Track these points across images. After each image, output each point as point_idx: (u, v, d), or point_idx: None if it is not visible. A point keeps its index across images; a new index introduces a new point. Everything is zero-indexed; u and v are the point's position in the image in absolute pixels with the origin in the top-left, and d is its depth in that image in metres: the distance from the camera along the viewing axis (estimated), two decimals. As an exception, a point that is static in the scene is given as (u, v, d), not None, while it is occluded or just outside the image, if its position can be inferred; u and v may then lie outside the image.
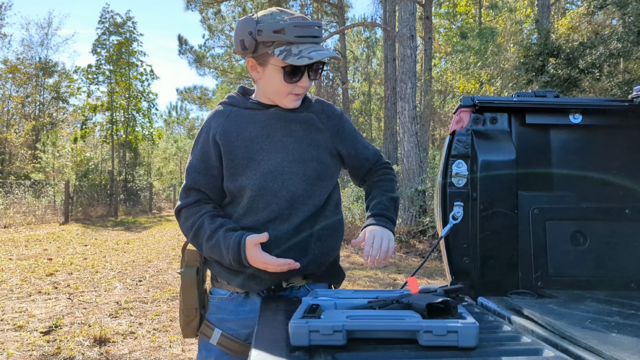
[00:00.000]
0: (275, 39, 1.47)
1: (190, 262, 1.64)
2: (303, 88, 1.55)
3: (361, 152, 1.72)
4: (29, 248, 9.78)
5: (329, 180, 1.62)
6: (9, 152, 28.13)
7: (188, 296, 1.61)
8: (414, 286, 1.31)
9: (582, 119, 1.91)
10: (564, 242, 1.86)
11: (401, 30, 10.07)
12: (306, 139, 1.58)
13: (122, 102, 27.70)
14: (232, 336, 1.59)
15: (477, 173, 1.85)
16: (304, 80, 1.53)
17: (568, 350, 1.13)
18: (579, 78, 9.88)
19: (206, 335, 1.62)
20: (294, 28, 1.47)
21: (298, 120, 1.60)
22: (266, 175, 1.53)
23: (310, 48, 1.48)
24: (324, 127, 1.63)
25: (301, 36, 1.48)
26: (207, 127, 1.62)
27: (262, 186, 1.52)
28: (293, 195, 1.53)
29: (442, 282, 5.50)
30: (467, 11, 21.97)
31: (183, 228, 1.61)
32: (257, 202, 1.53)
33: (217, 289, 1.65)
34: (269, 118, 1.59)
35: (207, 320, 1.64)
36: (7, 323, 4.58)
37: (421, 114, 15.29)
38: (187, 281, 1.61)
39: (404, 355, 1.05)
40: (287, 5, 21.00)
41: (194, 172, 1.60)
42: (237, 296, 1.62)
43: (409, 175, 10.08)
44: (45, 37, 31.11)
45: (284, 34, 1.47)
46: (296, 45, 1.48)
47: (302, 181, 1.55)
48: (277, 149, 1.55)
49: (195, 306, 1.62)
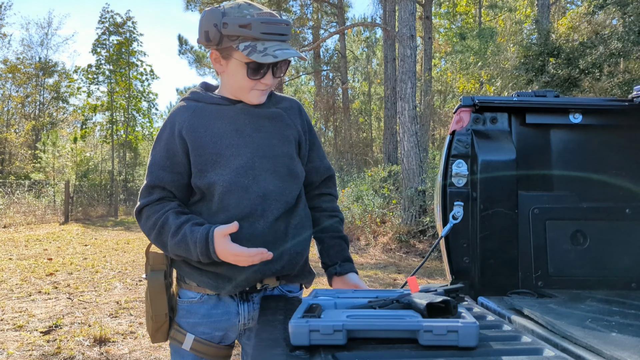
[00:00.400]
0: (240, 34, 1.43)
1: (156, 266, 1.55)
2: (266, 85, 1.51)
3: (314, 161, 1.68)
4: (29, 248, 9.78)
5: (299, 176, 1.60)
6: (9, 152, 28.14)
7: (157, 302, 1.52)
8: (414, 286, 1.31)
9: (582, 118, 1.92)
10: (564, 242, 1.86)
11: (401, 30, 10.07)
12: (276, 135, 1.55)
13: (122, 102, 27.71)
14: (206, 340, 1.53)
15: (477, 173, 1.85)
16: (267, 77, 1.49)
17: (568, 349, 1.13)
18: (579, 78, 9.89)
19: (178, 340, 1.55)
20: (261, 24, 1.43)
21: (267, 116, 1.56)
22: (237, 170, 1.48)
23: (276, 46, 1.44)
24: (292, 124, 1.61)
25: (268, 33, 1.44)
26: (171, 123, 1.55)
27: (233, 182, 1.48)
28: (265, 191, 1.49)
29: (442, 281, 5.50)
30: (467, 11, 21.97)
31: (145, 227, 1.52)
32: (229, 198, 1.48)
33: (186, 291, 1.57)
34: (237, 113, 1.54)
35: (178, 325, 1.56)
36: (7, 323, 4.58)
37: (421, 113, 15.30)
38: (155, 286, 1.52)
39: (404, 355, 1.05)
40: (287, 6, 21.01)
41: (158, 169, 1.53)
42: (209, 299, 1.54)
43: (409, 175, 10.09)
44: (45, 37, 31.12)
45: (250, 29, 1.42)
46: (262, 42, 1.44)
47: (273, 177, 1.52)
48: (247, 145, 1.51)
49: (165, 311, 1.53)
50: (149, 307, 1.53)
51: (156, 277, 1.52)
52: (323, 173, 1.71)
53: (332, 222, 1.70)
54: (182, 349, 1.54)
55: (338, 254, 1.67)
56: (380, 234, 10.26)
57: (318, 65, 22.85)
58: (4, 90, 29.71)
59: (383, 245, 9.75)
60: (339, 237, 1.69)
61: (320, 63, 22.91)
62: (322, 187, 1.73)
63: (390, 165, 13.67)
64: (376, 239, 10.10)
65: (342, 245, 1.69)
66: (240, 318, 1.55)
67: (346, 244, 1.70)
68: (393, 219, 10.37)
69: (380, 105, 22.87)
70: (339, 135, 20.89)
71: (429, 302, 1.17)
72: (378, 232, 10.33)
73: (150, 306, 1.53)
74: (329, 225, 1.69)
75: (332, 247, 1.68)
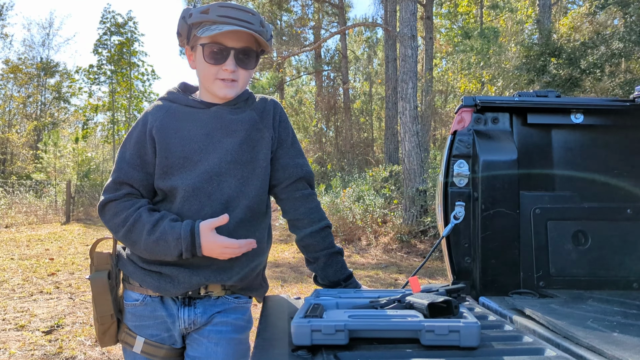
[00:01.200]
0: (201, 19, 1.47)
1: (100, 266, 1.52)
2: (229, 73, 1.49)
3: (282, 158, 1.62)
4: (31, 248, 9.79)
5: (265, 182, 1.57)
6: (10, 152, 28.16)
7: (101, 303, 1.50)
8: (415, 286, 1.32)
9: (584, 118, 1.92)
10: (566, 242, 1.86)
11: (402, 30, 10.07)
12: (246, 140, 1.53)
13: (123, 102, 27.75)
14: (156, 342, 1.52)
15: (479, 173, 1.85)
16: (228, 63, 1.48)
17: (570, 350, 1.13)
18: (580, 78, 9.88)
19: (128, 344, 1.53)
20: (219, 8, 1.46)
21: (239, 120, 1.55)
22: (201, 176, 1.47)
23: (229, 27, 1.44)
24: (265, 127, 1.58)
25: (225, 16, 1.46)
26: (143, 121, 1.55)
27: (196, 187, 1.46)
28: (228, 197, 1.48)
29: (443, 282, 5.49)
30: (468, 11, 21.96)
31: (110, 223, 1.48)
32: (190, 203, 1.46)
33: (130, 292, 1.55)
34: (209, 117, 1.53)
35: (127, 327, 1.55)
36: (9, 323, 4.59)
37: (422, 114, 15.29)
38: (99, 287, 1.49)
39: (406, 355, 1.05)
40: (288, 5, 21.02)
41: (128, 166, 1.51)
42: (151, 301, 1.52)
43: (410, 175, 10.08)
44: (46, 37, 31.15)
45: (208, 13, 1.46)
46: (218, 24, 1.46)
47: (239, 183, 1.50)
48: (215, 150, 1.50)
49: (111, 312, 1.51)
50: (94, 308, 1.52)
51: (99, 278, 1.50)
52: (292, 171, 1.62)
53: (322, 237, 1.63)
54: (134, 352, 1.53)
55: (338, 273, 1.62)
56: (381, 234, 10.26)
57: (319, 65, 22.85)
58: (5, 91, 29.74)
59: (384, 245, 9.75)
60: (333, 252, 1.63)
61: (321, 63, 22.91)
62: (296, 189, 1.63)
63: (391, 165, 13.67)
64: (377, 239, 10.10)
65: (339, 261, 1.63)
66: (180, 322, 1.52)
67: (342, 257, 1.65)
68: (394, 219, 10.37)
69: (381, 105, 22.88)
70: (340, 135, 20.89)
71: (430, 302, 1.18)
72: (379, 232, 10.33)
73: (94, 307, 1.51)
74: (319, 240, 1.62)
75: (328, 267, 1.62)
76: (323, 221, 1.64)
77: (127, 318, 1.55)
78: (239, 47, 1.49)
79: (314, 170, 17.16)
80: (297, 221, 1.64)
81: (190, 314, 1.52)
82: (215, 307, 1.54)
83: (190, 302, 1.53)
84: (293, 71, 25.79)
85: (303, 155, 1.68)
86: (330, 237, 1.64)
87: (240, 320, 1.58)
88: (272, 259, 8.48)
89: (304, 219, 1.63)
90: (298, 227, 1.64)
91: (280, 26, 22.43)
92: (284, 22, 23.02)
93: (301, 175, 1.63)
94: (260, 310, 1.51)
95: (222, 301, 1.56)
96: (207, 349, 1.52)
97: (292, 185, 1.63)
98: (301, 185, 1.64)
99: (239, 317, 1.58)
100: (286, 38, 20.93)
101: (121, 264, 1.56)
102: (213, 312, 1.54)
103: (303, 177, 1.64)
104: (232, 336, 1.55)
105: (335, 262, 1.62)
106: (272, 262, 8.24)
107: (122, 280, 1.58)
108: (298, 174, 1.62)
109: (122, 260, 1.56)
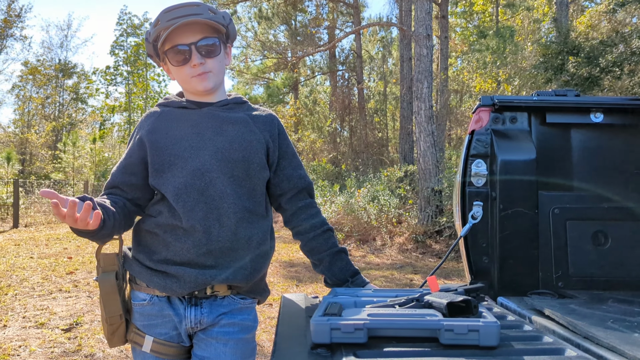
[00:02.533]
0: (157, 32, 1.53)
1: (107, 267, 1.53)
2: (198, 67, 1.53)
3: (286, 169, 1.67)
4: (50, 247, 9.94)
5: (260, 182, 1.59)
6: (29, 152, 28.61)
7: (110, 304, 1.52)
8: (433, 285, 1.32)
9: (603, 118, 1.90)
10: (585, 242, 1.85)
11: (417, 29, 10.03)
12: (237, 139, 1.55)
13: (139, 102, 28.01)
14: (165, 340, 1.54)
15: (497, 173, 1.84)
16: (193, 58, 1.52)
17: (590, 350, 1.13)
18: (599, 77, 9.75)
19: (137, 343, 1.55)
20: (165, 14, 1.52)
21: (231, 120, 1.58)
22: (192, 173, 1.50)
23: (174, 24, 1.48)
24: (258, 130, 1.60)
25: (172, 18, 1.51)
26: (138, 128, 1.62)
27: (188, 184, 1.49)
28: (221, 194, 1.50)
29: (459, 282, 5.46)
30: (484, 10, 21.79)
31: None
32: (184, 200, 1.49)
33: (137, 293, 1.57)
34: (200, 117, 1.57)
35: (136, 327, 1.56)
36: (30, 320, 4.67)
37: (437, 113, 15.21)
38: (107, 288, 1.51)
39: (425, 354, 1.05)
40: (302, 6, 21.05)
41: (116, 170, 1.59)
42: (159, 301, 1.54)
43: (425, 175, 10.04)
44: (64, 39, 31.61)
45: (160, 23, 1.52)
46: (169, 28, 1.50)
47: (230, 181, 1.52)
48: (206, 148, 1.53)
49: (120, 313, 1.53)
50: (102, 309, 1.53)
51: (107, 279, 1.52)
52: (296, 182, 1.67)
53: (325, 239, 1.67)
54: (143, 351, 1.54)
55: (343, 270, 1.64)
56: (396, 234, 10.23)
57: (333, 65, 22.85)
58: (24, 92, 30.22)
59: (399, 245, 9.72)
60: (337, 251, 1.66)
61: (336, 63, 22.91)
62: (299, 200, 1.69)
63: (406, 165, 13.62)
64: (392, 239, 10.07)
65: (343, 259, 1.65)
66: (187, 322, 1.54)
67: (346, 255, 1.67)
68: (409, 219, 10.34)
69: (396, 105, 22.80)
70: (354, 135, 20.86)
71: (449, 301, 1.18)
72: (394, 232, 10.30)
73: (103, 308, 1.53)
74: (322, 242, 1.66)
75: (334, 265, 1.64)
76: (325, 225, 1.69)
77: (135, 318, 1.57)
78: (197, 39, 1.53)
79: (329, 170, 17.16)
80: (299, 228, 1.69)
81: (196, 314, 1.54)
82: (222, 307, 1.56)
83: (196, 302, 1.55)
84: (307, 71, 25.82)
85: (302, 166, 1.74)
86: (332, 238, 1.68)
87: (247, 321, 1.60)
88: (286, 259, 8.51)
89: (305, 225, 1.67)
90: (301, 233, 1.69)
91: (294, 26, 22.49)
92: (299, 22, 23.07)
93: (304, 187, 1.69)
94: (276, 309, 1.52)
95: (228, 301, 1.57)
96: (216, 349, 1.54)
97: (295, 196, 1.69)
98: (303, 196, 1.70)
99: (245, 317, 1.60)
100: (301, 38, 20.98)
101: (127, 264, 1.58)
102: (219, 312, 1.55)
103: (305, 188, 1.70)
104: (239, 336, 1.57)
105: (339, 260, 1.65)
106: (287, 261, 8.26)
107: (129, 280, 1.60)
108: (301, 184, 1.69)
109: (128, 261, 1.58)
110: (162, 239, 1.51)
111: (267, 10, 21.05)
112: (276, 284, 6.46)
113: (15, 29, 28.34)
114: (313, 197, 1.74)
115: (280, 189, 1.67)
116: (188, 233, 1.48)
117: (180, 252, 1.48)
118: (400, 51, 16.09)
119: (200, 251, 1.48)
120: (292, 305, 1.54)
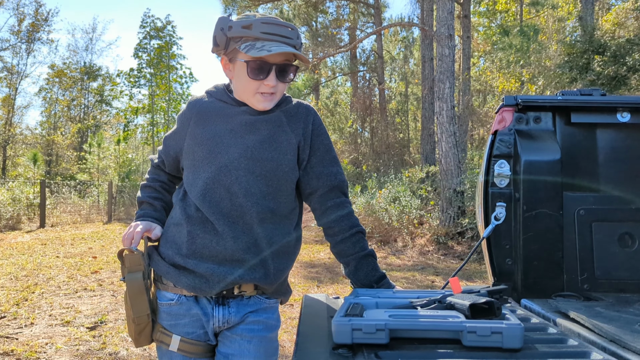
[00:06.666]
0: (243, 34, 1.49)
1: (133, 267, 1.53)
2: (270, 87, 1.52)
3: (316, 167, 1.63)
4: (75, 246, 10.12)
5: (288, 184, 1.58)
6: (55, 153, 29.20)
7: (138, 303, 1.51)
8: (456, 287, 1.31)
9: (631, 117, 1.86)
10: (612, 244, 1.81)
11: (439, 29, 9.96)
12: (269, 139, 1.55)
13: (162, 104, 28.34)
14: (192, 339, 1.54)
15: (520, 173, 1.82)
16: (270, 78, 1.50)
17: (617, 353, 1.10)
18: (626, 76, 9.55)
19: (164, 342, 1.55)
20: (262, 24, 1.48)
21: (265, 120, 1.57)
22: (220, 169, 1.51)
23: (274, 45, 1.46)
24: (290, 130, 1.59)
25: (268, 33, 1.48)
26: (188, 108, 1.68)
27: (215, 179, 1.51)
28: (246, 192, 1.50)
29: (482, 284, 5.40)
30: (507, 9, 21.53)
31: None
32: (210, 195, 1.51)
33: (164, 292, 1.57)
34: (236, 114, 1.58)
35: (162, 327, 1.56)
36: (56, 318, 4.77)
37: (460, 114, 15.07)
38: (135, 288, 1.51)
39: (447, 355, 1.04)
40: (323, 7, 21.06)
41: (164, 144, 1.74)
42: (186, 300, 1.54)
43: (447, 176, 9.96)
44: (89, 42, 32.24)
45: (251, 29, 1.48)
46: (261, 41, 1.48)
47: (257, 180, 1.51)
48: (237, 145, 1.53)
49: (147, 312, 1.52)
50: (129, 309, 1.53)
51: (135, 278, 1.52)
52: (326, 180, 1.63)
53: (353, 242, 1.62)
54: (170, 350, 1.55)
55: (369, 275, 1.62)
56: (417, 235, 10.17)
57: (354, 66, 22.82)
58: (51, 94, 30.86)
59: (420, 247, 9.66)
60: (363, 256, 1.62)
61: (357, 64, 22.87)
62: (329, 198, 1.64)
63: (427, 166, 13.53)
64: (413, 240, 10.01)
65: (370, 264, 1.63)
66: (214, 321, 1.54)
67: (374, 259, 1.64)
68: (431, 221, 10.26)
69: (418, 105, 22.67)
70: (375, 136, 20.80)
71: (472, 302, 1.17)
72: (415, 233, 10.24)
73: (130, 309, 1.52)
74: (350, 246, 1.62)
75: (359, 270, 1.62)
76: (355, 227, 1.64)
77: (161, 317, 1.57)
78: (280, 62, 1.52)
79: (349, 171, 17.12)
80: (329, 229, 1.65)
81: (224, 313, 1.55)
82: (248, 306, 1.57)
83: (224, 302, 1.55)
84: (328, 72, 25.83)
85: (338, 163, 1.68)
86: (362, 242, 1.64)
87: (271, 320, 1.61)
88: (307, 260, 8.52)
89: (335, 227, 1.63)
90: (331, 235, 1.66)
91: (315, 27, 22.51)
92: (320, 24, 23.08)
93: (335, 184, 1.64)
94: (297, 310, 1.53)
95: (254, 301, 1.58)
96: (240, 346, 1.54)
97: (325, 194, 1.64)
98: (334, 194, 1.64)
99: (270, 316, 1.60)
100: (321, 39, 20.98)
101: (154, 263, 1.58)
102: (246, 311, 1.56)
103: (337, 186, 1.64)
104: (263, 334, 1.58)
105: (365, 265, 1.62)
106: (308, 262, 8.28)
107: (155, 280, 1.60)
108: (332, 182, 1.63)
109: (154, 260, 1.58)
110: (188, 231, 1.51)
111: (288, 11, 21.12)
112: (297, 284, 6.48)
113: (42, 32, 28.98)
114: (346, 196, 1.68)
115: (310, 187, 1.63)
116: (214, 227, 1.49)
117: (208, 245, 1.49)
118: (422, 51, 16.00)
119: (224, 247, 1.48)
120: (313, 306, 1.55)
